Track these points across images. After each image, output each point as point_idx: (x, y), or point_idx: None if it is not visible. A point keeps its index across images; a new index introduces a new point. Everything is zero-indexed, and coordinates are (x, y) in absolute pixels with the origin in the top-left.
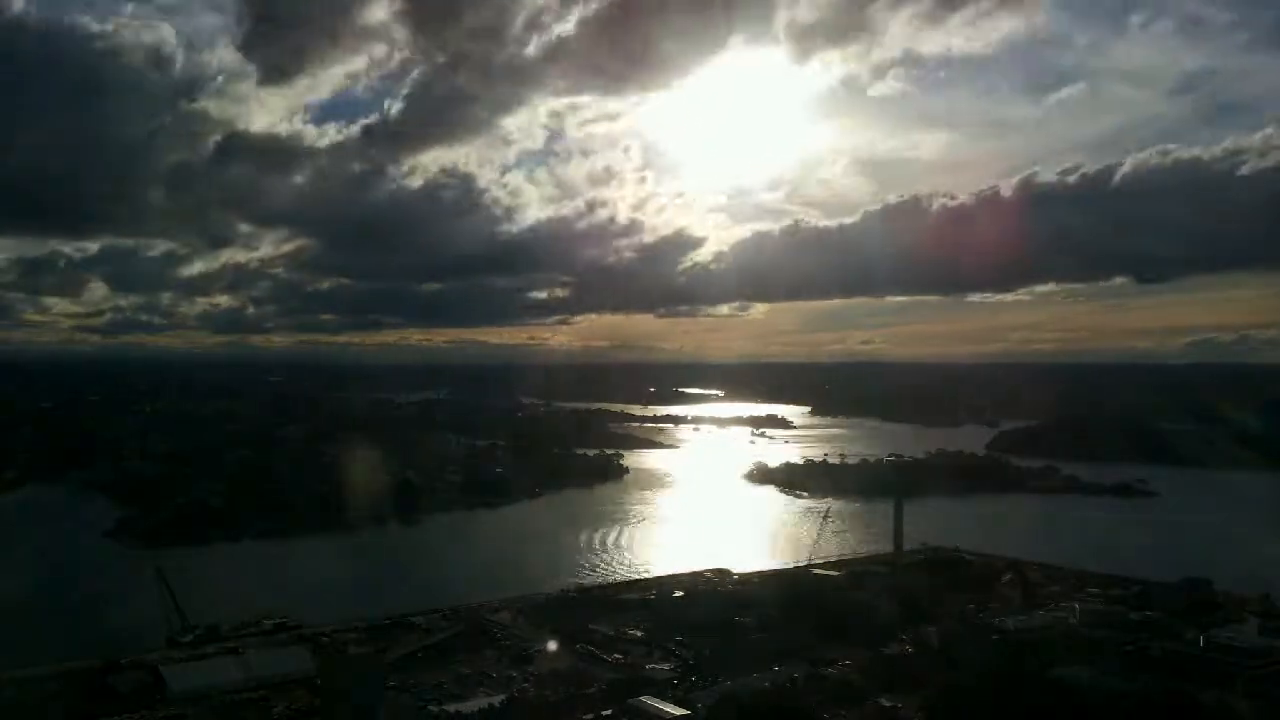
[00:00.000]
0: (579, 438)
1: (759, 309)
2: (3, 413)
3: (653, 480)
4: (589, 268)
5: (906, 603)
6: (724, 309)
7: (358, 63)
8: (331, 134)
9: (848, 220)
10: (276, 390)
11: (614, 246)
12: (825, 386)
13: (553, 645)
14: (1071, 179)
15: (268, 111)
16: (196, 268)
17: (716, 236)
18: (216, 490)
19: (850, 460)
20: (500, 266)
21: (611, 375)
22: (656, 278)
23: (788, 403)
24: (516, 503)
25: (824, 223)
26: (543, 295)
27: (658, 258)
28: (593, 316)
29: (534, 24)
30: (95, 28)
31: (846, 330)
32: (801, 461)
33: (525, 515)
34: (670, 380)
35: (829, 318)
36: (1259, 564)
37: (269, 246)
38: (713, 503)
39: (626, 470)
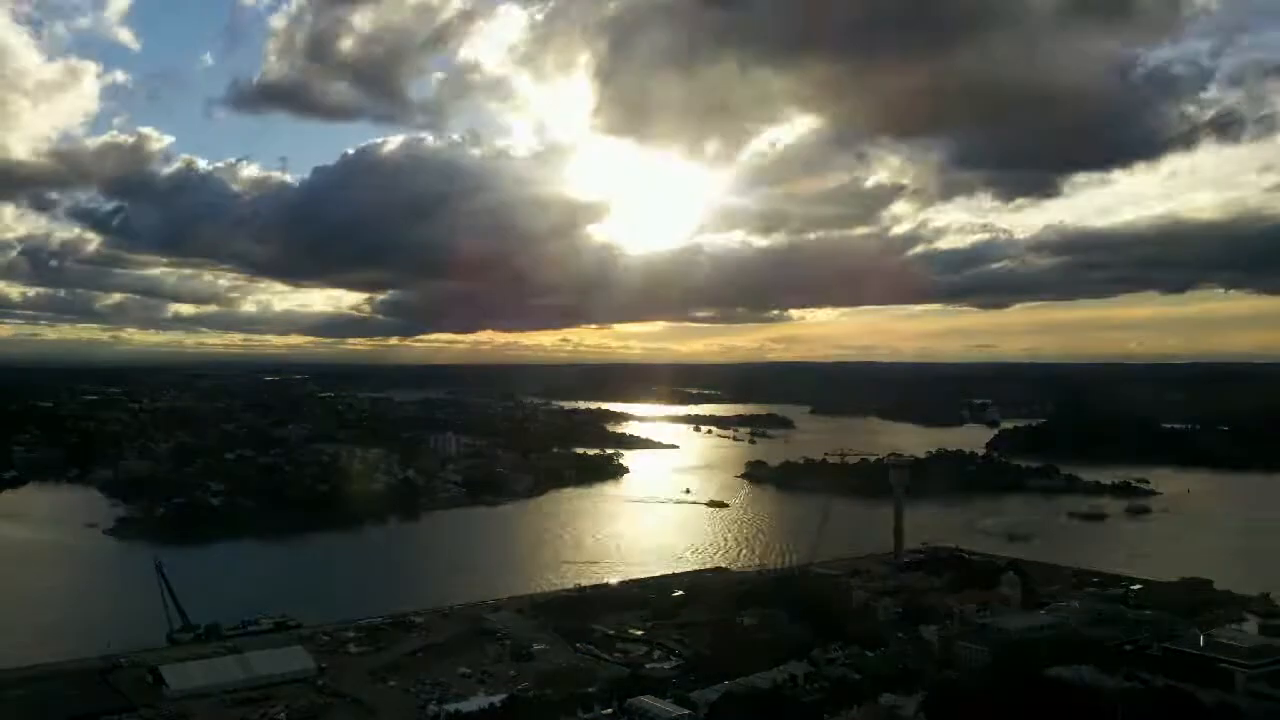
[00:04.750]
0: (579, 437)
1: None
2: (3, 412)
3: (653, 480)
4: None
5: (906, 603)
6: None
7: None
8: None
9: None
10: (276, 390)
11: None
12: (825, 386)
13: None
14: None
15: None
16: None
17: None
18: (216, 490)
19: (850, 459)
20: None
21: (613, 375)
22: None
23: (788, 402)
24: (516, 502)
25: None
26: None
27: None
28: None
29: None
30: None
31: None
32: (801, 461)
33: (525, 514)
34: (671, 381)
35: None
36: (1259, 564)
37: None
38: (712, 502)
39: (626, 469)
